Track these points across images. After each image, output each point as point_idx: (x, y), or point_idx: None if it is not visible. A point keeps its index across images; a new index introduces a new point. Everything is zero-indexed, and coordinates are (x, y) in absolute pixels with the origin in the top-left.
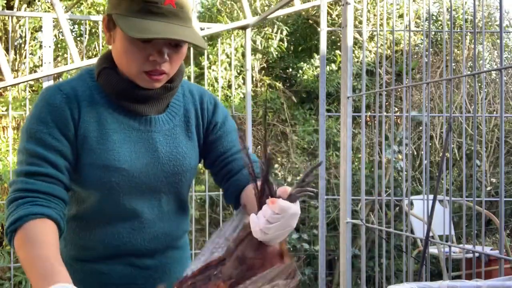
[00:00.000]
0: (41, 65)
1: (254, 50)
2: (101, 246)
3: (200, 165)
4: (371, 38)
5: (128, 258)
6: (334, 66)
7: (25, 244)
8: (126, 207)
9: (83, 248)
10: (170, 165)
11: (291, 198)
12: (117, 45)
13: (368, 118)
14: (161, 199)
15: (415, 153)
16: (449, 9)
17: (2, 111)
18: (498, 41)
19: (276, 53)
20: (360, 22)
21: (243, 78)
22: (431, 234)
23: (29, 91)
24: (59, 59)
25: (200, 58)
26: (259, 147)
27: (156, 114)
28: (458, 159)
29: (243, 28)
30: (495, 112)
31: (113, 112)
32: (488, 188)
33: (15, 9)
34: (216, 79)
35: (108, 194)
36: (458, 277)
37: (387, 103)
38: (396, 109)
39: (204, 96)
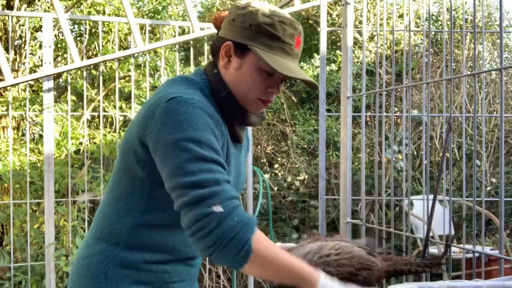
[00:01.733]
0: (41, 65)
1: None
2: (175, 251)
3: None
4: (371, 38)
5: (187, 259)
6: (334, 66)
7: (269, 243)
8: None
9: (157, 252)
10: (242, 185)
11: None
12: (242, 73)
13: (368, 118)
14: None
15: (415, 153)
16: (449, 9)
17: (2, 111)
18: (498, 41)
19: None
20: (360, 22)
21: None
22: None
23: (29, 91)
24: (59, 59)
25: (199, 58)
26: (259, 147)
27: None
28: (458, 159)
29: None
30: (495, 112)
31: (228, 136)
32: (488, 188)
33: (15, 9)
34: None
35: None
36: (458, 277)
37: (387, 103)
38: (396, 109)
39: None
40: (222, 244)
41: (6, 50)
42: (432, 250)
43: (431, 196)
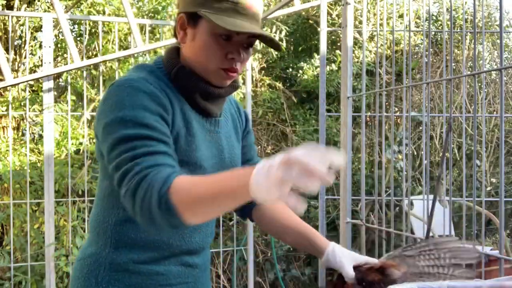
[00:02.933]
0: (41, 65)
1: (254, 50)
2: (165, 246)
3: None
4: (371, 38)
5: (183, 257)
6: (334, 66)
7: (191, 187)
8: None
9: (145, 250)
10: (231, 165)
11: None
12: (197, 42)
13: (368, 118)
14: None
15: (415, 153)
16: (449, 9)
17: (2, 111)
18: (498, 41)
19: (276, 53)
20: (360, 22)
21: (243, 78)
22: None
23: (29, 91)
24: (59, 59)
25: None
26: (259, 147)
27: (219, 116)
28: (458, 159)
29: None
30: (495, 112)
31: (192, 111)
32: (488, 188)
33: (15, 9)
34: None
35: None
36: None
37: (387, 103)
38: (396, 109)
39: (239, 104)
40: (146, 215)
41: (6, 50)
42: None
43: (431, 196)
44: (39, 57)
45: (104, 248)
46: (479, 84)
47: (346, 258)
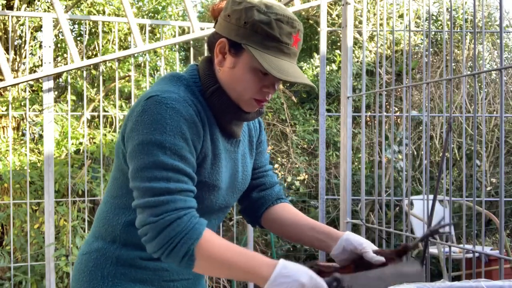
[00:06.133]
0: (41, 65)
1: None
2: None
3: None
4: (371, 38)
5: None
6: (334, 66)
7: (217, 249)
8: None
9: None
10: (242, 183)
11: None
12: (236, 72)
13: (368, 118)
14: (226, 213)
15: (415, 153)
16: (449, 9)
17: (2, 111)
18: (498, 41)
19: None
20: (360, 22)
21: None
22: None
23: (29, 91)
24: (59, 59)
25: (199, 58)
26: None
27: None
28: (458, 159)
29: None
30: (495, 112)
31: (218, 133)
32: (488, 188)
33: (15, 9)
34: None
35: (198, 210)
36: (458, 277)
37: (387, 103)
38: (396, 109)
39: None
40: (165, 252)
41: (6, 50)
42: (432, 250)
43: (431, 196)
44: (39, 57)
45: (112, 244)
46: (479, 84)
47: (367, 243)
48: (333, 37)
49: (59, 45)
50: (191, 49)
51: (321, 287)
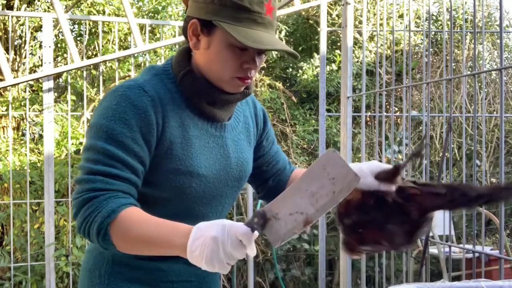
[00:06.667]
0: (41, 65)
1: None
2: None
3: None
4: (371, 38)
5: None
6: (334, 66)
7: (133, 225)
8: (195, 211)
9: None
10: (237, 170)
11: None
12: (212, 51)
13: (368, 118)
14: (224, 204)
15: None
16: (449, 9)
17: (2, 111)
18: (498, 41)
19: (276, 53)
20: (360, 22)
21: None
22: (431, 234)
23: (29, 91)
24: (59, 59)
25: None
26: None
27: (227, 120)
28: (458, 159)
29: None
30: (495, 112)
31: (194, 117)
32: None
33: (15, 9)
34: None
35: (183, 199)
36: (458, 277)
37: (387, 103)
38: (396, 109)
39: (257, 103)
40: (85, 233)
41: (6, 50)
42: (432, 250)
43: None
44: (39, 57)
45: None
46: (479, 84)
47: (365, 165)
48: (333, 37)
49: (59, 45)
50: None
51: (239, 230)
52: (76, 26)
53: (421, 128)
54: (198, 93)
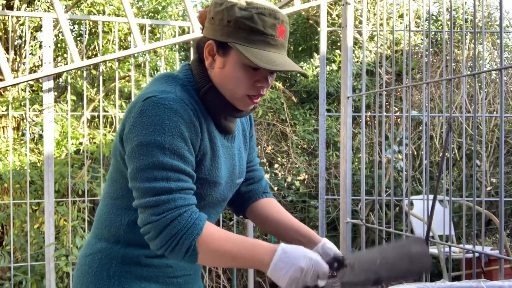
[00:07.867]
0: (41, 65)
1: None
2: None
3: None
4: (371, 38)
5: None
6: (334, 66)
7: (220, 242)
8: (202, 212)
9: None
10: (239, 177)
11: None
12: (227, 71)
13: (368, 118)
14: (224, 205)
15: (415, 153)
16: (449, 9)
17: (2, 111)
18: (498, 41)
19: None
20: (360, 22)
21: None
22: (431, 234)
23: (29, 91)
24: (59, 59)
25: None
26: (259, 147)
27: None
28: (458, 159)
29: None
30: (495, 112)
31: (215, 130)
32: (488, 188)
33: (15, 9)
34: None
35: (198, 204)
36: (458, 277)
37: (387, 103)
38: (396, 109)
39: None
40: (168, 249)
41: (6, 50)
42: (432, 250)
43: (431, 196)
44: (39, 57)
45: (116, 244)
46: (479, 84)
47: (332, 251)
48: (333, 37)
49: (59, 45)
50: (191, 49)
51: (321, 269)
52: (76, 26)
53: (421, 128)
54: (218, 109)
